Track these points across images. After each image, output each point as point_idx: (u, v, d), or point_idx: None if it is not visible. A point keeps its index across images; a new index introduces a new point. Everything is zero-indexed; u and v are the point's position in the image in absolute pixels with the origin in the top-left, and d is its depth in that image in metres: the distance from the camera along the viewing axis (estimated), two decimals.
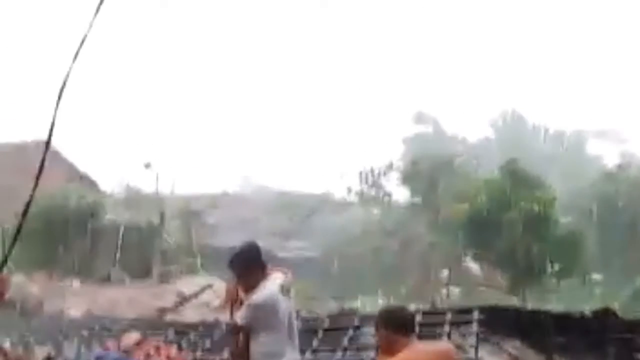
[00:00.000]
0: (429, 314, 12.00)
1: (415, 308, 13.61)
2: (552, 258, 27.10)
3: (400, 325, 4.40)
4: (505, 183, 28.29)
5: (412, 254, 32.29)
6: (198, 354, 12.08)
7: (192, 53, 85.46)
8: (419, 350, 4.32)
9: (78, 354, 13.06)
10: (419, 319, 10.77)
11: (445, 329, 10.69)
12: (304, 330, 9.90)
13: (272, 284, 5.79)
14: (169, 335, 13.32)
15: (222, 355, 11.32)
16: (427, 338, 7.38)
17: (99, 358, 9.18)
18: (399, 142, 52.33)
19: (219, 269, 19.37)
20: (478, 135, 57.02)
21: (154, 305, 23.86)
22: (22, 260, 23.13)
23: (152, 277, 27.82)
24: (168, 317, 21.96)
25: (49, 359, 12.51)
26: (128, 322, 15.60)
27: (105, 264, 28.29)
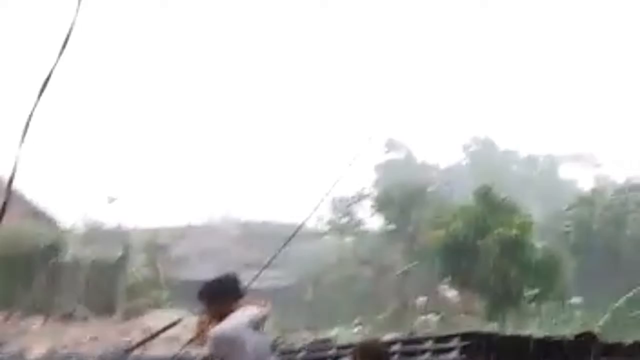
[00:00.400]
0: (409, 343, 11.55)
1: (394, 337, 13.33)
2: (530, 282, 27.01)
3: (376, 358, 4.54)
4: (480, 209, 28.29)
5: (387, 282, 32.10)
6: None
7: (151, 81, 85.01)
8: None
9: None
10: (399, 348, 10.47)
11: (426, 358, 10.36)
12: None
13: (239, 317, 5.48)
14: None
15: None
16: None
17: None
18: (371, 169, 52.30)
19: (188, 303, 18.90)
20: (450, 161, 57.39)
21: (120, 342, 23.19)
22: None
23: (117, 313, 27.14)
24: (135, 353, 21.37)
25: None
26: None
27: (69, 301, 27.56)
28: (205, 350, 5.65)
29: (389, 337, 14.61)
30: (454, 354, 10.27)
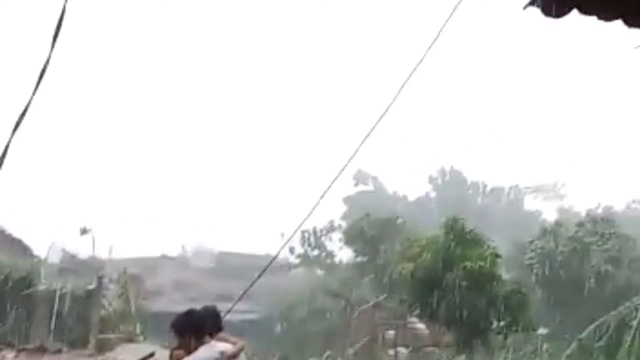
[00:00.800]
0: None
1: None
2: (497, 314, 27.13)
3: None
4: (449, 240, 28.34)
5: (357, 315, 32.00)
6: None
7: (124, 108, 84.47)
8: None
9: None
10: None
11: None
12: None
13: (207, 351, 5.57)
14: None
15: None
16: None
17: None
18: (340, 201, 52.44)
19: (160, 336, 18.90)
20: (418, 193, 57.88)
21: None
22: None
23: (90, 345, 26.81)
24: None
25: None
26: None
27: (41, 334, 27.18)
28: None
29: None
30: None
